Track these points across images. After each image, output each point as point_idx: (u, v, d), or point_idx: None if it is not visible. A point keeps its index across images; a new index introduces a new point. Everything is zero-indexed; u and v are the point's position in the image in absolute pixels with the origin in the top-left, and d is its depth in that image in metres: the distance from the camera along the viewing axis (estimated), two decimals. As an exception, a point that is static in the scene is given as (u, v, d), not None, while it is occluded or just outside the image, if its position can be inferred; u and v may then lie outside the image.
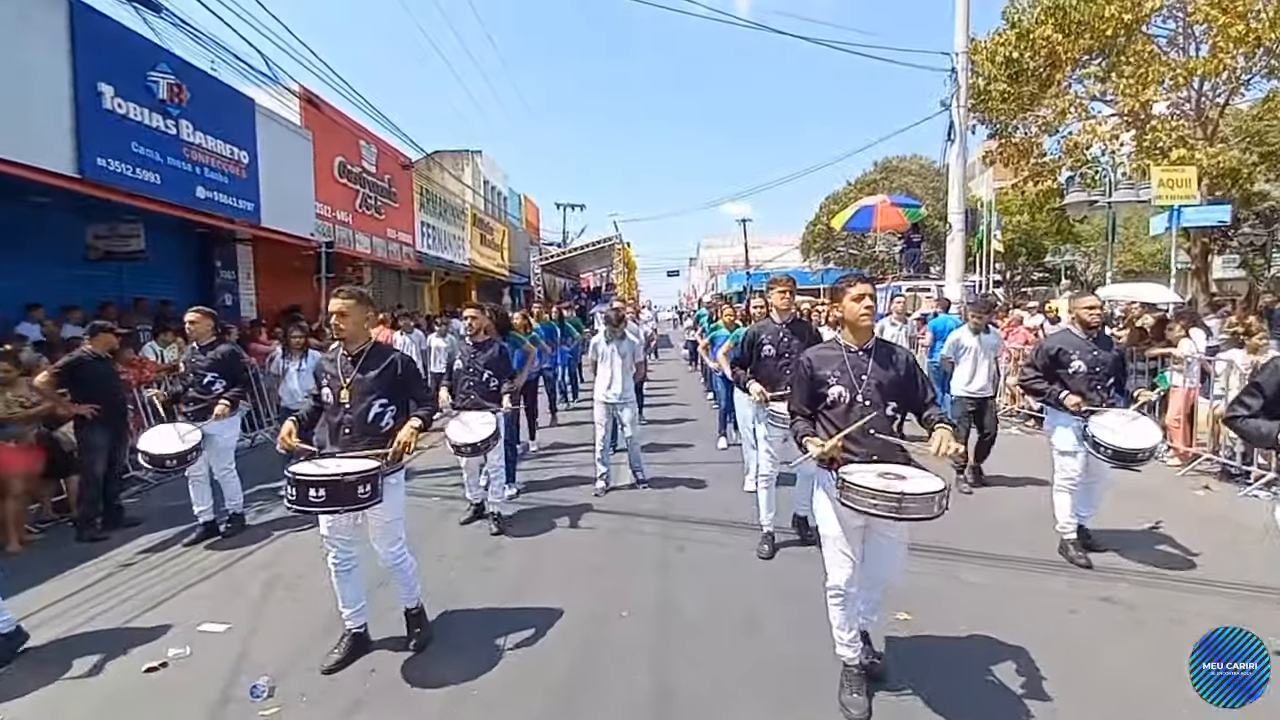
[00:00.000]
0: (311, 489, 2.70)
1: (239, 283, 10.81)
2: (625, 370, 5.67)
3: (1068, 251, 25.82)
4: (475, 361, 4.82)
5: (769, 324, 4.28)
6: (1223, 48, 12.33)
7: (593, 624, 3.39)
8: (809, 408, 2.71)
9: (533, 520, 5.04)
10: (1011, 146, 16.40)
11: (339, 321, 2.99)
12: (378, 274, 15.59)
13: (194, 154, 7.98)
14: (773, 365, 4.15)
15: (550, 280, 26.78)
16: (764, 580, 3.87)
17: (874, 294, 2.66)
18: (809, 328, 4.38)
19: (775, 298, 4.29)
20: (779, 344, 4.17)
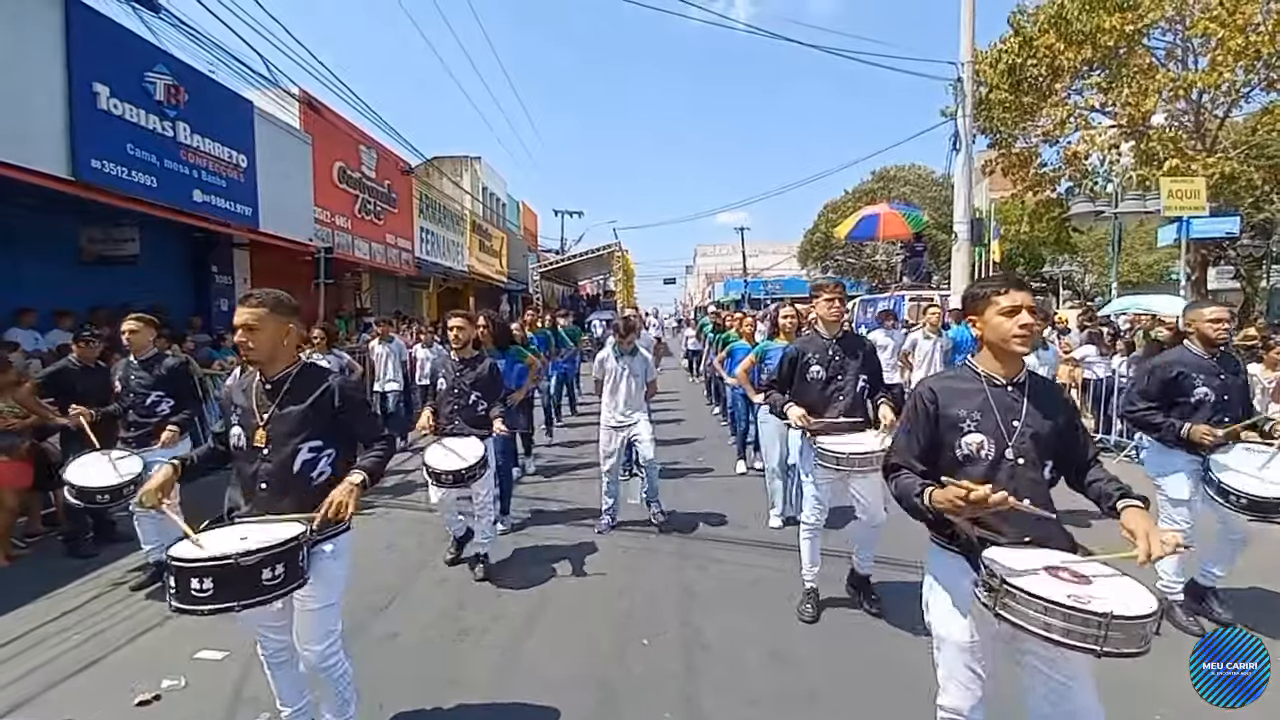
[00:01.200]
0: (195, 579, 1.85)
1: (235, 288, 10.62)
2: (638, 392, 4.96)
3: (1065, 262, 25.90)
4: (461, 381, 4.10)
5: (815, 338, 3.55)
6: (1222, 61, 12.38)
7: (613, 655, 3.22)
8: (924, 462, 1.94)
9: (530, 563, 4.36)
10: (1011, 156, 16.46)
11: (247, 338, 2.18)
12: (376, 280, 15.42)
13: (191, 157, 7.82)
14: (821, 389, 3.44)
15: (549, 287, 26.65)
16: (791, 608, 3.72)
17: (1032, 305, 1.89)
18: (865, 344, 3.63)
19: (822, 307, 3.50)
20: (829, 364, 3.45)
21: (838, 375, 3.43)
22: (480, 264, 20.32)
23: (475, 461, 3.68)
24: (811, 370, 3.47)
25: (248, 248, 10.54)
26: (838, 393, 3.41)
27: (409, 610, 3.71)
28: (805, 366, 3.49)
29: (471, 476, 3.72)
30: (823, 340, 3.52)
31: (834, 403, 3.40)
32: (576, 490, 6.10)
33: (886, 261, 25.59)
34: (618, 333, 5.06)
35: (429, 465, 3.73)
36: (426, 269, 16.35)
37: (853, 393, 3.39)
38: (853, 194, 29.88)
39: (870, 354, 3.54)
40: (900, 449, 1.99)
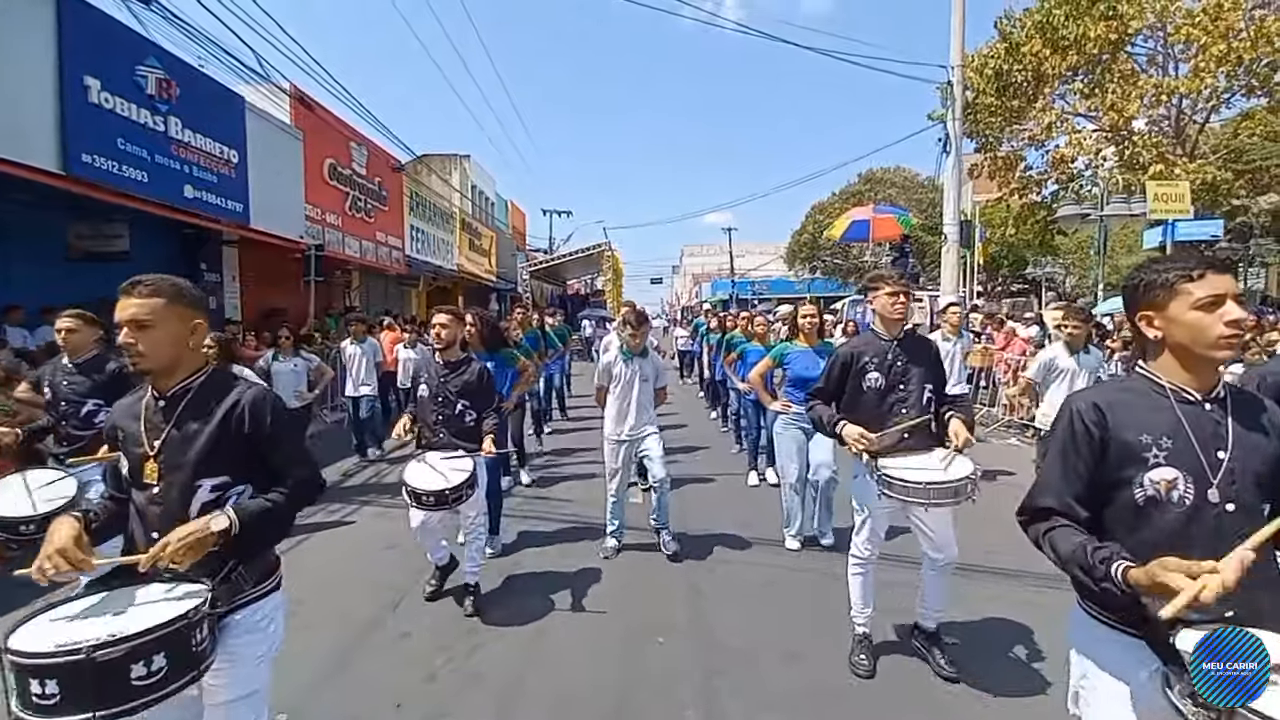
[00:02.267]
0: (34, 679, 1.29)
1: (224, 285, 10.47)
2: (647, 400, 4.36)
3: (1047, 264, 26.31)
4: (446, 387, 3.60)
5: (872, 340, 2.97)
6: (1204, 67, 12.66)
7: (627, 654, 3.23)
8: (1089, 507, 1.45)
9: (524, 592, 3.86)
10: (997, 160, 16.70)
11: (135, 338, 1.68)
12: (366, 278, 15.29)
13: (182, 152, 7.71)
14: (879, 401, 2.87)
15: (538, 287, 26.56)
16: (802, 607, 3.75)
17: (1236, 292, 1.42)
18: (930, 347, 3.06)
19: (884, 302, 2.90)
20: (890, 370, 2.87)
21: (899, 384, 2.87)
22: (470, 263, 20.22)
23: (462, 481, 3.21)
24: (868, 378, 2.88)
25: (237, 245, 10.39)
26: (900, 404, 2.85)
27: (419, 609, 3.69)
28: (861, 373, 2.89)
29: (458, 498, 3.21)
30: (882, 342, 2.93)
31: (895, 417, 2.84)
32: (573, 504, 5.60)
33: (874, 262, 25.83)
34: (629, 326, 4.30)
35: (408, 484, 3.24)
36: (416, 267, 16.23)
37: (918, 404, 2.84)
38: (840, 195, 30.16)
39: (936, 359, 3.01)
40: (1052, 488, 1.47)
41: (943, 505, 2.64)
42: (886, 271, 3.07)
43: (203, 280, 10.00)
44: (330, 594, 3.88)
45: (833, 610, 3.39)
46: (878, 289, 2.94)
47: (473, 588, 3.64)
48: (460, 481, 3.22)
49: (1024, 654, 3.12)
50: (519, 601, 3.76)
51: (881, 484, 2.66)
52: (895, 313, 2.90)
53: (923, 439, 2.81)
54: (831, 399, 2.98)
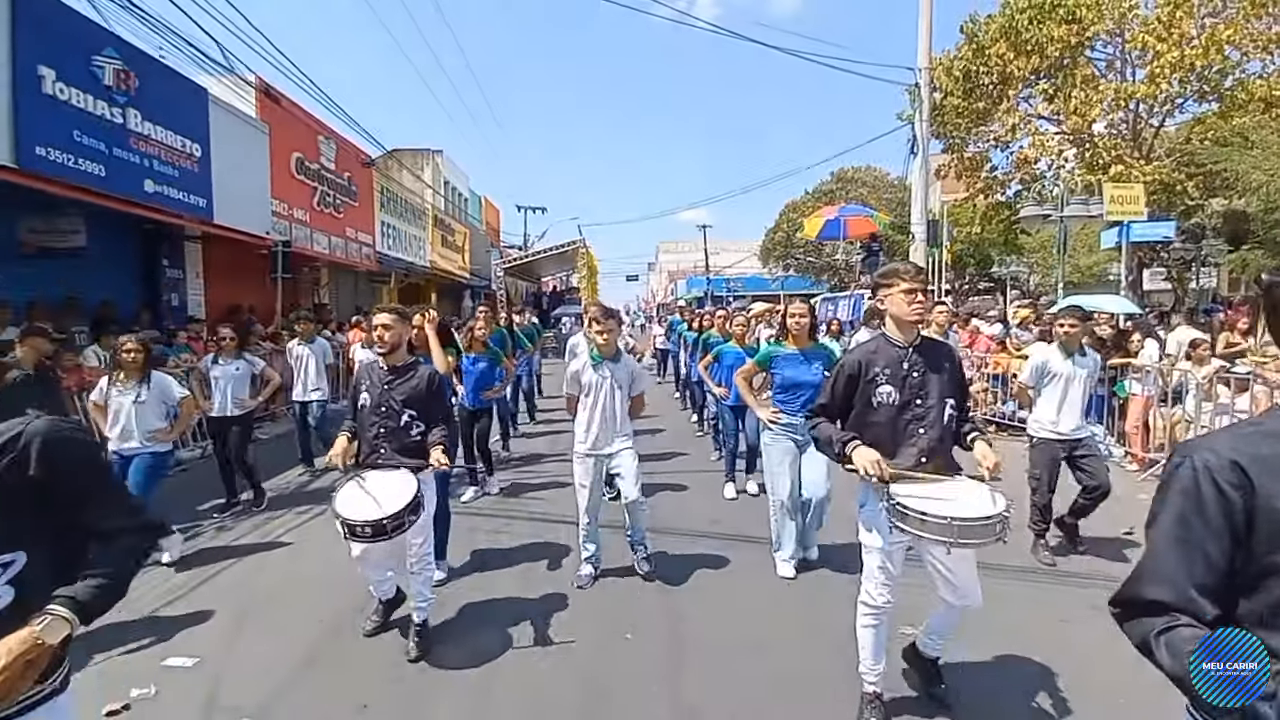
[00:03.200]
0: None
1: (186, 281, 10.24)
2: (622, 409, 3.88)
3: (1012, 262, 26.97)
4: (390, 396, 3.16)
5: (884, 346, 2.53)
6: (1159, 73, 13.12)
7: (599, 650, 3.27)
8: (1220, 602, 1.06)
9: (480, 623, 3.42)
10: (964, 160, 17.10)
11: None
12: (335, 275, 15.04)
13: (142, 145, 7.50)
14: (894, 419, 2.47)
15: (512, 283, 26.37)
16: (771, 599, 3.82)
17: None
18: (950, 355, 2.64)
19: (898, 302, 2.46)
20: (905, 382, 2.47)
21: (917, 398, 2.46)
22: (443, 259, 20.00)
23: (403, 506, 2.80)
24: (880, 392, 2.46)
25: (200, 240, 10.15)
26: (917, 423, 2.46)
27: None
28: (871, 385, 2.48)
29: (399, 526, 2.80)
30: (895, 349, 2.50)
31: (912, 437, 2.46)
32: (541, 518, 5.13)
33: (846, 261, 26.20)
34: (595, 324, 3.86)
35: (339, 513, 2.79)
36: (388, 264, 16.02)
37: (938, 422, 2.46)
38: (813, 194, 30.49)
39: (957, 368, 2.61)
40: (1167, 575, 1.07)
41: (970, 546, 2.26)
42: (902, 265, 2.57)
43: (165, 276, 9.79)
44: (296, 596, 3.85)
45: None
46: (891, 285, 2.47)
47: (419, 627, 3.20)
48: (402, 507, 2.80)
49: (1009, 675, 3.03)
50: (473, 639, 3.30)
51: (894, 514, 2.27)
52: (913, 314, 2.45)
53: (942, 461, 2.48)
54: (837, 416, 2.56)
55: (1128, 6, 13.81)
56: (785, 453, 3.98)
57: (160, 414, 4.40)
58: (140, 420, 4.27)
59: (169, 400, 4.42)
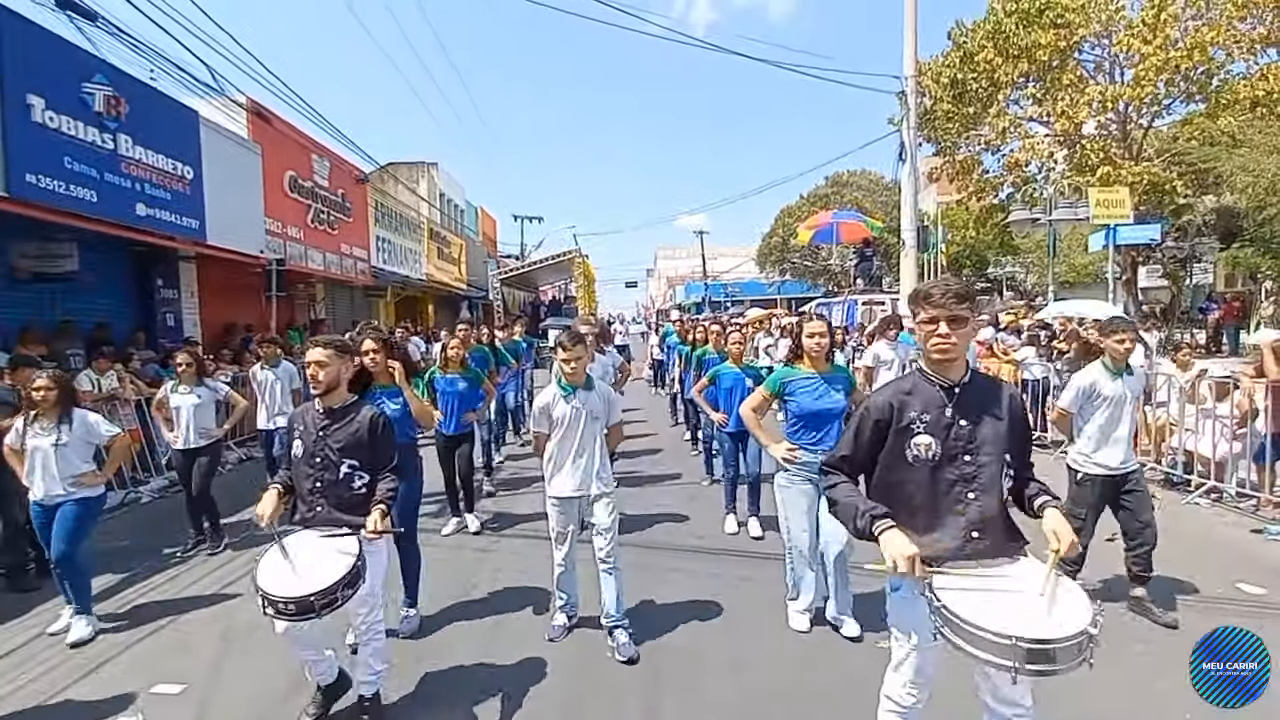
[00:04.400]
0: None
1: (181, 301, 10.30)
2: (598, 443, 3.42)
3: (1008, 263, 27.06)
4: (325, 444, 2.69)
5: (921, 386, 1.97)
6: (1145, 75, 13.22)
7: (579, 668, 3.30)
8: None
9: (446, 701, 2.97)
10: (956, 164, 17.20)
11: None
12: (331, 291, 15.13)
13: (133, 169, 7.59)
14: (933, 479, 1.92)
15: (510, 294, 26.46)
16: (755, 616, 3.85)
17: None
18: (1011, 397, 2.01)
19: (919, 334, 1.97)
20: (948, 432, 1.91)
21: (965, 453, 1.89)
22: (439, 271, 20.10)
23: (337, 580, 2.31)
24: (916, 444, 1.90)
25: (194, 260, 10.23)
26: (964, 485, 1.89)
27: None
28: (905, 435, 1.92)
29: (330, 603, 2.29)
30: (934, 389, 1.93)
31: (958, 504, 1.88)
32: (520, 556, 4.67)
33: (841, 265, 26.30)
34: (562, 350, 3.31)
35: (259, 585, 2.33)
36: (383, 278, 16.11)
37: (993, 486, 1.89)
38: (807, 199, 30.62)
39: (1018, 414, 1.99)
40: None
41: (1044, 675, 1.63)
42: (928, 287, 1.95)
43: (159, 296, 9.86)
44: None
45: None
46: (915, 312, 1.97)
47: (369, 701, 2.78)
48: (335, 580, 2.31)
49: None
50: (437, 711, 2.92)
51: (941, 619, 1.71)
52: (935, 350, 1.90)
53: (998, 537, 1.90)
54: (859, 472, 2.02)
55: (1114, 10, 13.93)
56: (803, 497, 3.37)
57: (85, 455, 3.87)
58: (62, 464, 3.75)
59: (95, 439, 3.89)
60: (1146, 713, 2.79)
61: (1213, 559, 4.38)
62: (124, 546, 5.16)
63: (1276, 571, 4.15)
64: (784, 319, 14.11)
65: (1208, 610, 3.63)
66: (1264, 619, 3.47)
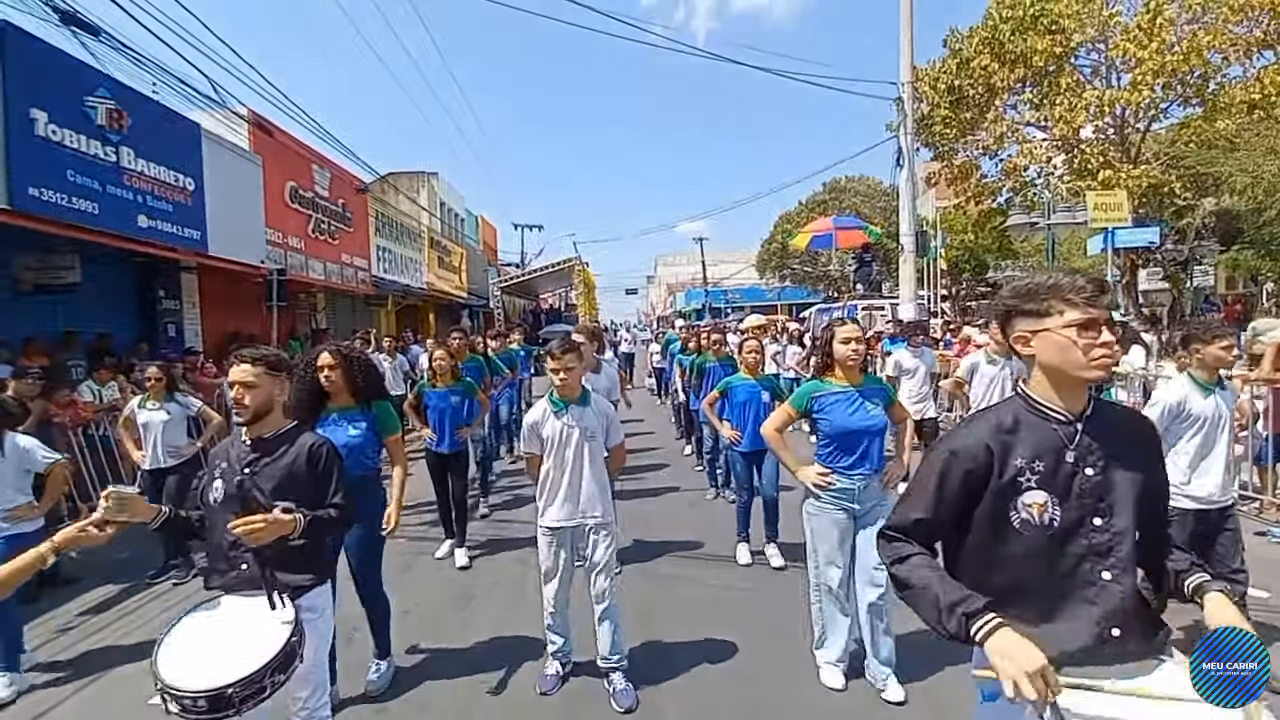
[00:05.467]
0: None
1: (183, 312, 10.34)
2: (596, 466, 3.07)
3: (1008, 267, 27.07)
4: (253, 484, 2.14)
5: (1027, 417, 1.44)
6: (1141, 79, 13.27)
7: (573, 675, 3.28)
8: None
9: None
10: (954, 169, 17.25)
11: None
12: (332, 300, 15.18)
13: (136, 181, 7.63)
14: (1050, 554, 1.39)
15: (510, 302, 26.55)
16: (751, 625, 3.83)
17: None
18: (1149, 433, 1.53)
19: (1058, 346, 1.37)
20: (1070, 486, 1.39)
21: (1094, 514, 1.39)
22: (439, 280, 20.15)
23: (265, 664, 1.79)
24: (1028, 503, 1.39)
25: (195, 271, 10.28)
26: (1096, 562, 1.39)
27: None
28: (1011, 493, 1.41)
29: (253, 694, 1.76)
30: (1051, 426, 1.42)
31: (1088, 588, 1.39)
32: (512, 591, 4.23)
33: (840, 271, 26.32)
34: (551, 359, 2.98)
35: (159, 677, 1.74)
36: (384, 287, 16.16)
37: (1128, 563, 1.39)
38: (806, 205, 30.70)
39: (1155, 454, 1.49)
40: None
41: None
42: (1068, 278, 1.39)
43: (161, 306, 9.91)
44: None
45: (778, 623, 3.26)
46: (1044, 313, 1.39)
47: None
48: (262, 665, 1.78)
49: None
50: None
51: None
52: (1096, 366, 1.34)
53: (1141, 631, 1.38)
54: (938, 539, 1.50)
55: (1109, 15, 14.00)
56: (834, 526, 2.96)
57: (21, 487, 3.52)
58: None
59: (32, 468, 3.54)
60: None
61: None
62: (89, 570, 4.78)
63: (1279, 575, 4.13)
64: (790, 324, 14.11)
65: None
66: (1267, 622, 3.46)
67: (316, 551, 2.23)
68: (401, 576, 4.51)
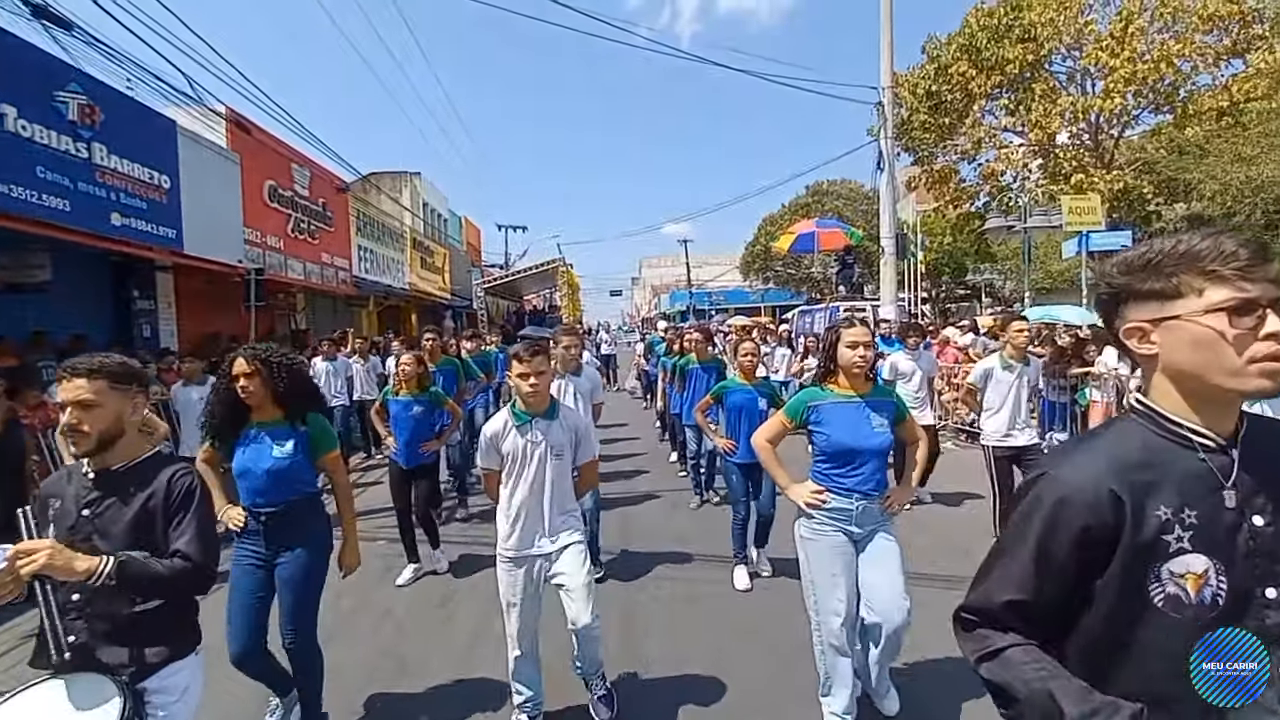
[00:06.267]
0: None
1: (158, 312, 10.17)
2: (561, 487, 2.73)
3: (986, 270, 27.48)
4: (91, 528, 1.69)
5: (1159, 444, 0.99)
6: (1114, 87, 13.58)
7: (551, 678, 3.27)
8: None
9: None
10: (933, 173, 17.50)
11: None
12: (312, 300, 15.02)
13: (109, 179, 7.49)
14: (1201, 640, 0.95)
15: (494, 303, 26.42)
16: (727, 618, 3.86)
17: None
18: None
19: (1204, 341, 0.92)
20: (1234, 542, 0.96)
21: (1263, 585, 0.96)
22: (422, 281, 20.00)
23: None
24: (1179, 571, 0.96)
25: (171, 270, 10.11)
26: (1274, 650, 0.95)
27: (347, 642, 3.67)
28: (1150, 556, 0.96)
29: None
30: (1194, 451, 0.99)
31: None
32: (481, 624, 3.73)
33: (823, 273, 26.55)
34: (518, 363, 2.60)
35: None
36: (365, 288, 16.00)
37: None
38: (789, 207, 30.94)
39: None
40: None
41: None
42: (1209, 242, 0.94)
43: (135, 306, 9.73)
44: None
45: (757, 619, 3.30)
46: (1177, 292, 0.96)
47: None
48: None
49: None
50: None
51: None
52: (1261, 370, 0.91)
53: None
54: (1042, 628, 1.05)
55: (1083, 23, 14.29)
56: (834, 553, 2.59)
57: None
58: None
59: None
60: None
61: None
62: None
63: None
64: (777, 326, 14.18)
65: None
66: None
67: (175, 615, 1.75)
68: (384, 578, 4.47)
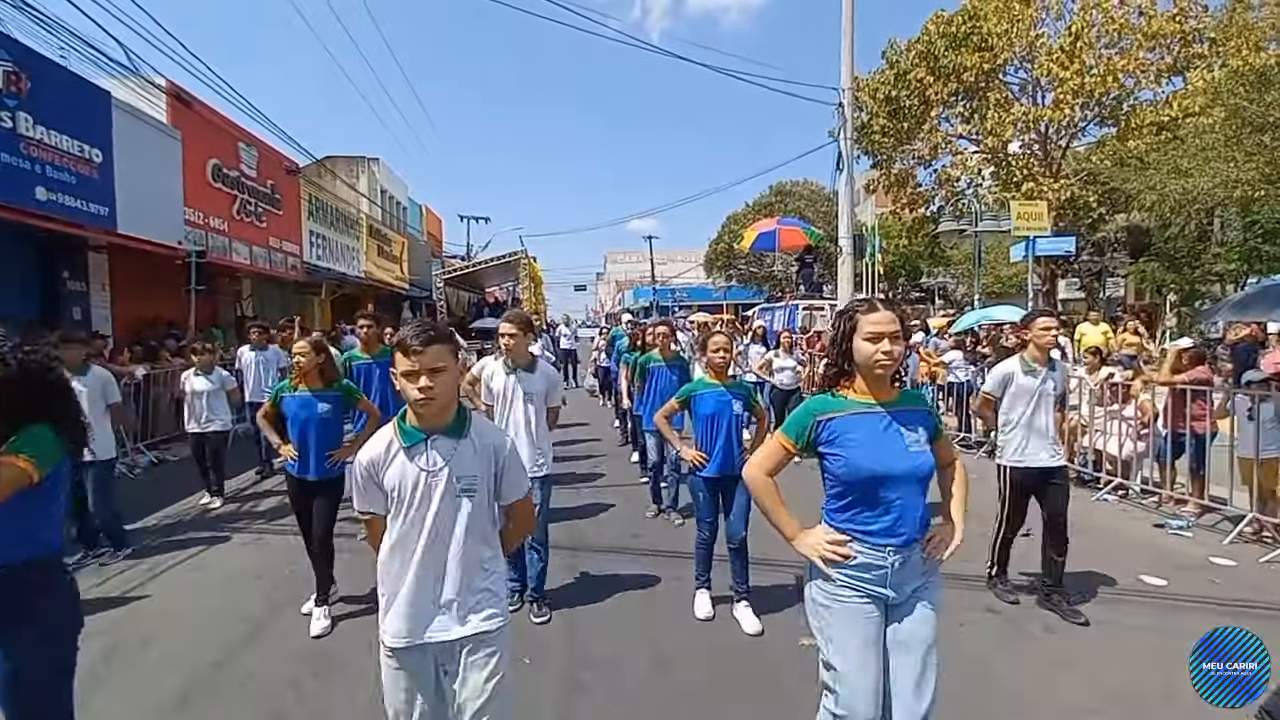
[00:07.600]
0: None
1: (90, 294, 9.60)
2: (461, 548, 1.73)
3: (939, 273, 28.28)
4: None
5: None
6: (1063, 99, 14.10)
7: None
8: None
9: None
10: (891, 176, 17.90)
11: None
12: (260, 286, 14.44)
13: (34, 150, 7.03)
14: None
15: (455, 294, 25.91)
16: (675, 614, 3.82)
17: None
18: None
19: None
20: None
21: None
22: (378, 269, 19.47)
23: None
24: None
25: (106, 251, 9.56)
26: None
27: (272, 645, 3.48)
28: None
29: None
30: None
31: None
32: None
33: (784, 272, 26.89)
34: (402, 353, 1.65)
35: None
36: (318, 275, 15.48)
37: None
38: (753, 206, 31.25)
39: None
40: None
41: None
42: None
43: (65, 289, 9.17)
44: (172, 637, 3.59)
45: None
46: None
47: None
48: None
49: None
50: None
51: None
52: None
53: None
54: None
55: (1035, 36, 14.78)
56: (858, 626, 1.83)
57: None
58: None
59: None
60: (1045, 697, 2.90)
61: (1118, 552, 4.62)
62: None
63: (1176, 564, 4.39)
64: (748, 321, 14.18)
65: (1113, 602, 3.82)
66: (1163, 609, 3.70)
67: None
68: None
